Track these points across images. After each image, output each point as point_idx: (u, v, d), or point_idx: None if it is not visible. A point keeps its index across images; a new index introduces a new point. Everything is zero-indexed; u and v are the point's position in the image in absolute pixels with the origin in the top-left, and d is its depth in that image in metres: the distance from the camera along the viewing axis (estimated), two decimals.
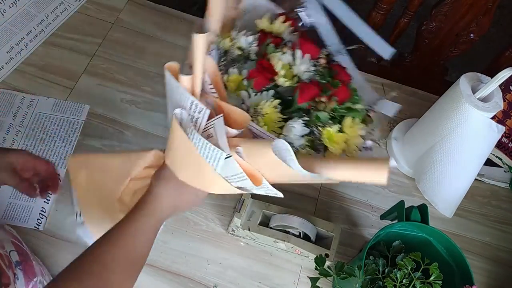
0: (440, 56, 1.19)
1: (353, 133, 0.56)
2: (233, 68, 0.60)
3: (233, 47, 0.61)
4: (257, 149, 0.51)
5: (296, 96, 0.56)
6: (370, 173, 0.48)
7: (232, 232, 0.83)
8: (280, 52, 0.60)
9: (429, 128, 0.87)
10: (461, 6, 1.05)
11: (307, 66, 0.59)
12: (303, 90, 0.57)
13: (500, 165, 0.97)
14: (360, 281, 0.67)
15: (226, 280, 0.82)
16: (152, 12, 1.09)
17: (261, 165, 0.52)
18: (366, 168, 0.49)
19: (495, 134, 0.78)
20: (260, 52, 0.61)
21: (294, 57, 0.59)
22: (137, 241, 0.56)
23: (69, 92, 0.97)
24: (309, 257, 0.77)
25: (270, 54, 0.59)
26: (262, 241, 0.80)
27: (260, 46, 0.61)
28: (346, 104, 0.58)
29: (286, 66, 0.59)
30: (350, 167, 0.49)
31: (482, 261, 0.89)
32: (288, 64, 0.59)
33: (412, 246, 0.73)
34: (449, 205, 0.91)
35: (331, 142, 0.56)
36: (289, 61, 0.59)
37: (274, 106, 0.56)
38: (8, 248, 0.72)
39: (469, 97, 0.77)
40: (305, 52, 0.60)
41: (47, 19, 1.05)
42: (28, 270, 0.72)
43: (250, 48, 0.61)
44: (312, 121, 0.57)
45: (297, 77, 0.59)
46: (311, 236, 0.78)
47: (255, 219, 0.80)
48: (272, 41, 0.62)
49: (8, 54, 1.00)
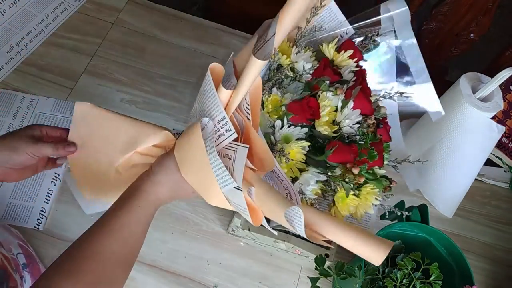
0: (440, 56, 1.19)
1: (367, 201, 0.54)
2: (277, 89, 0.56)
3: (287, 67, 0.57)
4: (270, 201, 0.49)
5: (329, 152, 0.53)
6: (369, 249, 0.46)
7: (232, 232, 0.83)
8: (333, 92, 0.55)
9: (429, 128, 0.87)
10: (461, 6, 1.05)
11: (353, 122, 0.54)
12: (339, 151, 0.52)
13: (500, 165, 0.97)
14: (360, 281, 0.67)
15: (226, 280, 0.82)
16: (152, 12, 1.09)
17: (267, 211, 0.50)
18: (366, 244, 0.46)
19: (495, 134, 0.78)
20: (311, 83, 0.57)
21: (343, 105, 0.54)
22: (133, 232, 0.54)
23: (69, 92, 0.97)
24: (309, 257, 0.77)
25: (321, 92, 0.55)
26: (262, 241, 0.80)
27: (315, 77, 0.57)
28: (372, 170, 0.54)
29: (332, 108, 0.54)
30: (351, 235, 0.47)
31: (482, 261, 0.89)
32: (335, 107, 0.55)
33: (412, 246, 0.73)
34: (449, 205, 0.91)
35: (343, 203, 0.55)
36: (337, 104, 0.55)
37: (301, 147, 0.54)
38: (15, 251, 0.72)
39: (469, 97, 0.77)
40: (357, 107, 0.54)
41: (47, 19, 1.05)
42: (35, 272, 0.72)
43: (305, 74, 0.57)
44: (333, 178, 0.54)
45: (338, 127, 0.55)
46: None
47: None
48: (330, 77, 0.57)
49: (8, 54, 1.00)
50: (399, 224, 0.73)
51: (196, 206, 0.88)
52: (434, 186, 0.90)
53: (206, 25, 1.10)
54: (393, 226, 0.74)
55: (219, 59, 1.05)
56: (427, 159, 0.88)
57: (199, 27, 1.09)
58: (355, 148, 0.53)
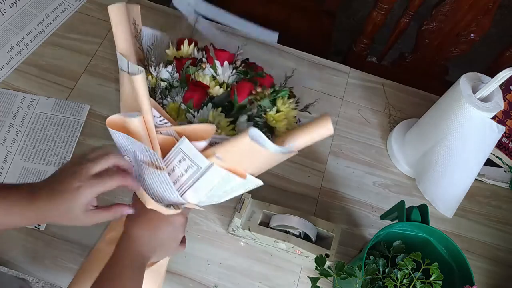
0: (441, 56, 1.19)
1: (287, 109, 0.65)
2: (166, 99, 0.65)
3: (158, 81, 0.66)
4: (234, 144, 0.54)
5: (236, 98, 0.64)
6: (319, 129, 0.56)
7: (232, 232, 0.83)
8: (201, 69, 0.66)
9: (429, 128, 0.87)
10: (461, 6, 1.05)
11: (230, 71, 0.66)
12: (239, 89, 0.64)
13: (500, 165, 0.97)
14: (361, 281, 0.67)
15: (226, 280, 0.82)
16: (152, 12, 1.09)
17: (240, 158, 0.56)
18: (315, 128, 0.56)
19: (496, 134, 0.78)
20: (182, 77, 0.67)
21: (215, 69, 0.66)
22: (128, 283, 0.55)
23: (69, 92, 0.97)
24: (309, 257, 0.78)
25: (193, 74, 0.66)
26: (263, 241, 0.80)
27: (180, 71, 0.67)
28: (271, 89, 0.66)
29: (211, 78, 0.65)
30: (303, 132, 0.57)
31: (482, 261, 0.89)
32: (212, 76, 0.66)
33: (412, 246, 0.73)
34: (449, 205, 0.91)
35: (277, 122, 0.64)
36: (212, 73, 0.66)
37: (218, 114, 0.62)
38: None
39: (469, 97, 0.77)
40: (222, 61, 0.66)
41: (47, 19, 1.05)
42: None
43: (173, 76, 0.67)
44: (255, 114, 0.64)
45: (225, 84, 0.66)
46: (312, 236, 0.78)
47: (255, 219, 0.80)
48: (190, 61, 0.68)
49: (9, 54, 1.00)
50: (399, 224, 0.73)
51: None
52: (434, 186, 0.90)
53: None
54: (393, 226, 0.74)
55: None
56: (428, 159, 0.88)
57: None
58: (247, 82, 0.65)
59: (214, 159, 0.55)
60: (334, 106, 1.02)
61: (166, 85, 0.66)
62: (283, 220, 0.78)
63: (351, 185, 0.94)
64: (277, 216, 0.80)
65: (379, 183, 0.95)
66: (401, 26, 1.15)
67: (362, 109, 1.03)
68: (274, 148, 0.54)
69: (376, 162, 0.97)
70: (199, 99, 0.64)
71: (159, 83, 0.66)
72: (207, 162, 0.55)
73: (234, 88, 0.64)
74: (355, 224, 0.90)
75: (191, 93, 0.64)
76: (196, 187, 0.58)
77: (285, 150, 0.56)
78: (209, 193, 0.59)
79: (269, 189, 0.91)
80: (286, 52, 1.08)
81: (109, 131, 0.57)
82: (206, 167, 0.56)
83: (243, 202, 0.80)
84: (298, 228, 0.77)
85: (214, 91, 0.65)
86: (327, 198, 0.91)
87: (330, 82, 1.06)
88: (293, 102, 0.66)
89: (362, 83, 1.06)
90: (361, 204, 0.92)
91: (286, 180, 0.92)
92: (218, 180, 0.57)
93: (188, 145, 0.56)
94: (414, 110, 1.03)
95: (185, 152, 0.57)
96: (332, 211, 0.90)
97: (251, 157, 0.56)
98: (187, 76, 0.66)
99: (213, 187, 0.58)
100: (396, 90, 1.06)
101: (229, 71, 0.66)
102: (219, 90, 0.65)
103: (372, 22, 1.15)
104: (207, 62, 0.67)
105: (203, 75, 0.65)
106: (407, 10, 1.12)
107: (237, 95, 0.64)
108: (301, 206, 0.90)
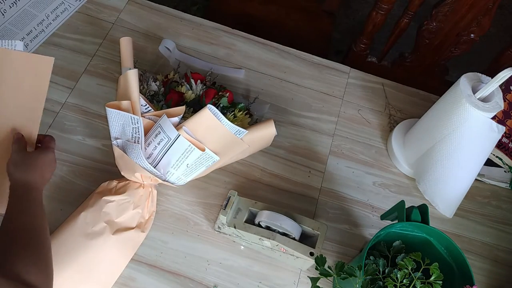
0: (441, 56, 1.19)
1: (242, 115, 0.92)
2: (152, 102, 0.90)
3: (148, 92, 0.92)
4: (197, 119, 0.75)
5: (204, 100, 0.92)
6: (264, 130, 0.84)
7: (218, 229, 0.83)
8: (181, 86, 0.93)
9: (429, 128, 0.87)
10: (461, 6, 1.05)
11: (201, 86, 0.94)
12: (207, 94, 0.93)
13: (500, 165, 0.97)
14: (361, 281, 0.67)
15: (226, 280, 0.82)
16: (152, 12, 1.09)
17: (204, 134, 0.76)
18: (260, 128, 0.84)
19: (496, 134, 0.78)
20: (166, 90, 0.93)
21: (191, 85, 0.94)
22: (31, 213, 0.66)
23: (69, 92, 0.97)
24: (294, 256, 0.77)
25: (175, 88, 0.93)
26: (248, 239, 0.80)
27: (165, 86, 0.94)
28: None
29: (188, 91, 0.93)
30: (251, 127, 0.82)
31: (482, 261, 0.89)
32: (189, 91, 0.93)
33: (412, 246, 0.73)
34: (449, 205, 0.91)
35: (233, 121, 0.85)
36: (188, 88, 0.94)
37: (190, 113, 0.88)
38: None
39: (469, 97, 0.77)
40: (196, 80, 0.94)
41: (47, 19, 1.05)
42: None
43: (160, 90, 0.93)
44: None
45: (197, 95, 0.93)
46: (294, 234, 0.77)
47: (241, 216, 0.80)
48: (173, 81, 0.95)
49: None
50: (399, 224, 0.73)
51: (196, 206, 0.88)
52: (434, 186, 0.90)
53: (206, 25, 1.10)
54: (393, 226, 0.74)
55: (219, 59, 1.05)
56: (428, 159, 0.88)
57: (199, 27, 1.09)
58: (213, 89, 0.94)
59: (181, 131, 0.75)
60: (334, 106, 1.02)
61: (153, 95, 0.92)
62: (268, 217, 0.77)
63: (351, 185, 0.94)
64: (263, 212, 0.79)
65: (379, 183, 0.95)
66: (401, 26, 1.15)
67: (362, 109, 1.03)
68: (227, 123, 0.75)
69: (376, 162, 0.97)
70: (177, 101, 0.91)
71: (150, 91, 0.91)
72: (176, 132, 0.74)
73: (203, 93, 0.93)
74: (355, 224, 0.90)
75: (171, 95, 0.91)
76: (167, 159, 0.76)
77: (236, 129, 0.76)
78: (175, 166, 0.77)
79: (269, 189, 0.91)
80: (286, 52, 1.08)
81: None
82: (175, 137, 0.74)
83: (229, 199, 0.79)
84: (280, 225, 0.77)
85: (187, 95, 0.92)
86: (327, 198, 0.91)
87: (330, 82, 1.06)
88: (247, 114, 0.93)
89: (362, 83, 1.06)
90: (361, 204, 0.92)
91: (286, 180, 0.92)
92: (182, 152, 0.75)
93: (165, 119, 0.76)
94: (414, 110, 1.03)
95: (161, 126, 0.76)
96: (332, 211, 0.90)
97: (213, 134, 0.76)
98: (170, 90, 0.92)
99: (178, 158, 0.76)
100: (396, 90, 1.06)
101: (200, 86, 0.94)
102: (192, 95, 0.92)
103: (372, 22, 1.15)
104: (185, 81, 0.94)
105: (184, 89, 0.93)
106: (407, 10, 1.12)
107: (205, 98, 0.92)
108: (301, 206, 0.90)
